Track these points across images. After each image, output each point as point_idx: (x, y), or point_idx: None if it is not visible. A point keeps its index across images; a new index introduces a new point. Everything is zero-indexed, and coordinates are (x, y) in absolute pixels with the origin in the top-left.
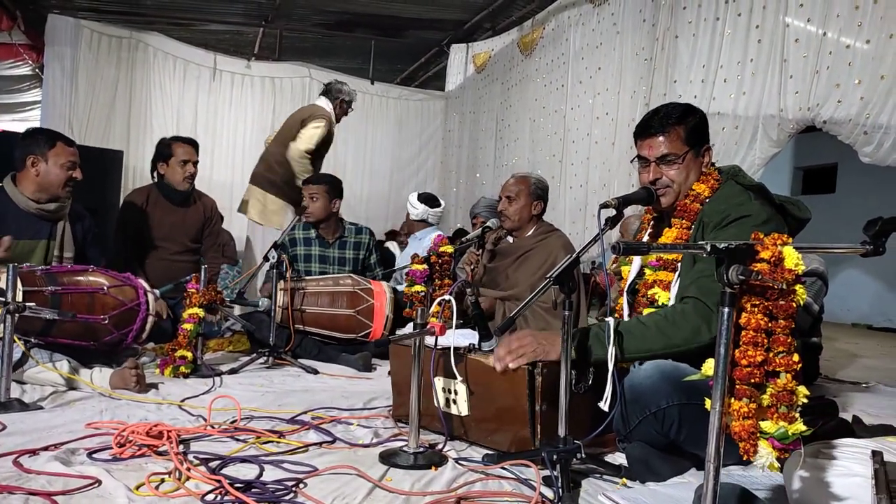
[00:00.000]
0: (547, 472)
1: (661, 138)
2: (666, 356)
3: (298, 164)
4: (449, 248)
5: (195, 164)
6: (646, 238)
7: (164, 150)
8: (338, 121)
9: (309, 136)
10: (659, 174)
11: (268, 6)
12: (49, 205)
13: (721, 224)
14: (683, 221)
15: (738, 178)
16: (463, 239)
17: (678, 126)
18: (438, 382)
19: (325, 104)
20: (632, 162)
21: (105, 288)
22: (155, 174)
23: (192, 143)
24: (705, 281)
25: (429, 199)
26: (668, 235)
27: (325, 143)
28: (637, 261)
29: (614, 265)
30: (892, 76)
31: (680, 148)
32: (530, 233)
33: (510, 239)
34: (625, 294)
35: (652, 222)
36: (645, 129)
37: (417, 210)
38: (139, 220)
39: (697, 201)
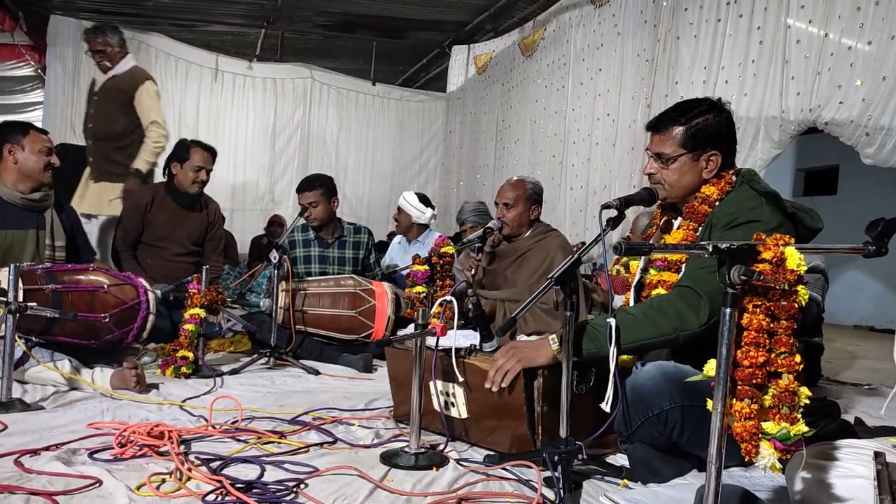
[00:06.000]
0: (548, 473)
1: (658, 136)
2: (661, 346)
3: None
4: (450, 249)
5: (209, 172)
6: (656, 234)
7: (182, 151)
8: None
9: None
10: (654, 169)
11: (270, 7)
12: (34, 194)
13: (728, 226)
14: (691, 223)
15: (753, 183)
16: (465, 240)
17: (679, 127)
18: (436, 386)
19: None
20: (646, 150)
21: (105, 286)
22: (166, 172)
23: (211, 151)
24: (699, 271)
25: (425, 201)
26: (675, 236)
27: None
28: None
29: (615, 265)
30: (894, 77)
31: (674, 150)
32: (528, 234)
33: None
34: (632, 290)
35: (663, 219)
36: (652, 123)
37: (425, 215)
38: (141, 218)
39: (706, 203)
